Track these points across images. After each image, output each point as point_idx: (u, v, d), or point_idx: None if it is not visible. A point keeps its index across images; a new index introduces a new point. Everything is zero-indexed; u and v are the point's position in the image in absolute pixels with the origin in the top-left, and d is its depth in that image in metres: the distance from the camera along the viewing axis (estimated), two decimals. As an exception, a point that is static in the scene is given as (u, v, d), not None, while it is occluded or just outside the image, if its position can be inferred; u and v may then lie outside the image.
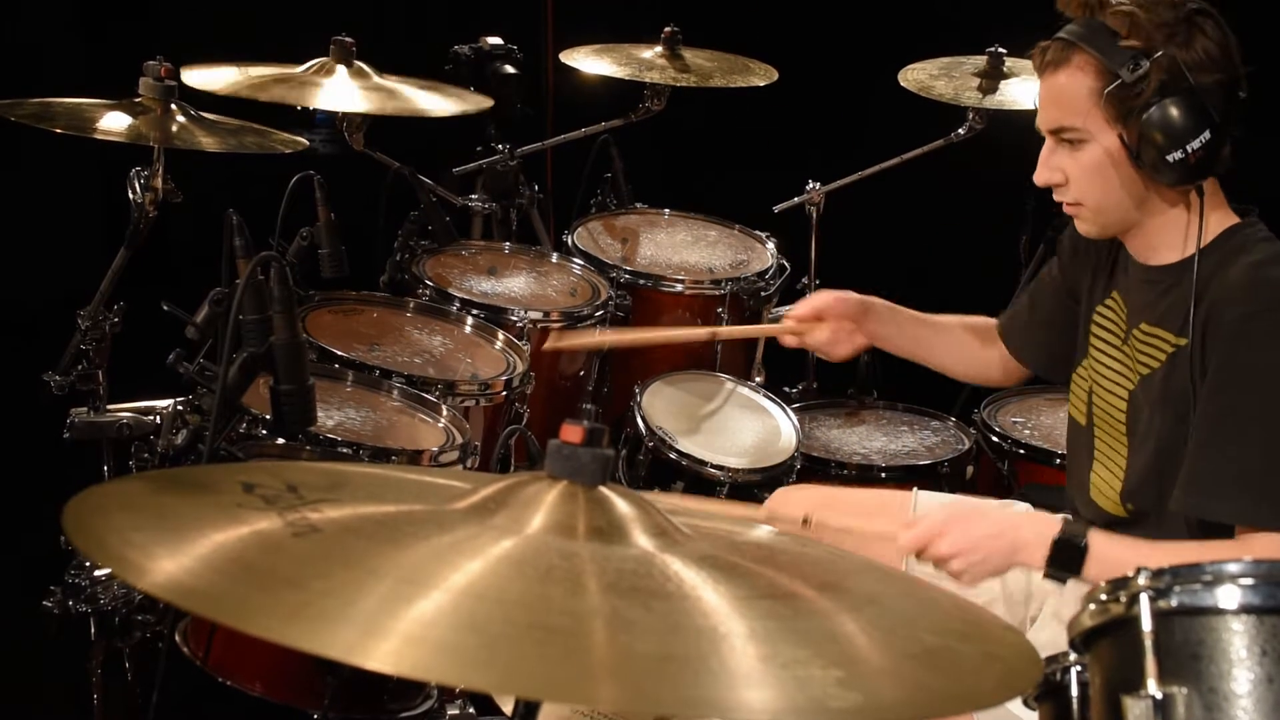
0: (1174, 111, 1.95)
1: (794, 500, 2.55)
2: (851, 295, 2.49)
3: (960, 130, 3.73)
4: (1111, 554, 1.93)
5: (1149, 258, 2.11)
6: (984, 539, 1.98)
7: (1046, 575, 1.98)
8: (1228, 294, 1.98)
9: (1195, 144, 1.96)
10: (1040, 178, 2.11)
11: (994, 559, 1.98)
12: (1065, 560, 1.95)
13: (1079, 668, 1.46)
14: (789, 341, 2.54)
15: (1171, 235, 2.07)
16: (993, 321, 2.53)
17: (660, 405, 3.17)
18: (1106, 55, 1.98)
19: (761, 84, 3.76)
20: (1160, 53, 1.96)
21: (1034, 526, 2.00)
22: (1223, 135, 1.98)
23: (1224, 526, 1.97)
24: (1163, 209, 2.06)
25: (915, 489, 2.47)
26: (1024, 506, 2.46)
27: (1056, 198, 2.12)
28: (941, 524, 2.00)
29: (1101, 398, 2.19)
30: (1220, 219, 2.06)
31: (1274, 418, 1.93)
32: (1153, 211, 2.07)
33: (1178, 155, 1.96)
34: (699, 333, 2.43)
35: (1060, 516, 2.03)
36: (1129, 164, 2.01)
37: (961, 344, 2.55)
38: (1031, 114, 2.06)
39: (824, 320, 2.48)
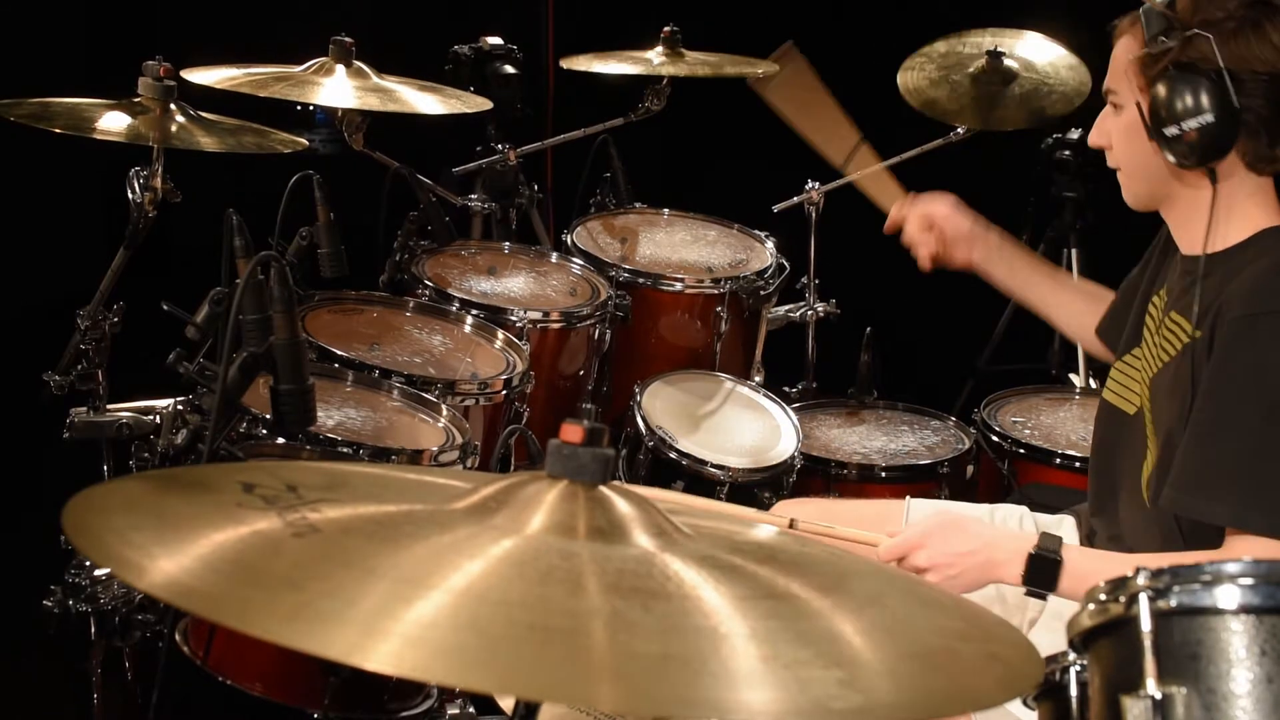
0: (1179, 88, 1.96)
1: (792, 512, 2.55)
2: (964, 223, 2.54)
3: (960, 129, 3.74)
4: (1086, 567, 1.94)
5: (1188, 247, 2.13)
6: (960, 555, 2.00)
7: (1027, 593, 1.99)
8: (1238, 292, 1.97)
9: (1191, 123, 1.95)
10: (1091, 139, 2.18)
11: (969, 575, 2.00)
12: (1040, 577, 1.96)
13: (1078, 667, 1.46)
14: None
15: (1199, 224, 2.07)
16: (1106, 291, 2.49)
17: (660, 405, 3.17)
18: (1148, 25, 2.00)
19: (762, 73, 3.75)
20: (1194, 31, 1.96)
21: (1011, 543, 2.00)
22: (1231, 124, 1.95)
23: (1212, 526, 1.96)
24: (1182, 191, 2.08)
25: (908, 497, 2.45)
26: (1019, 510, 2.45)
27: (1109, 163, 2.17)
28: (921, 536, 2.01)
29: (1147, 387, 2.18)
30: (1263, 218, 2.05)
31: (1267, 421, 1.92)
32: (1175, 191, 2.09)
33: (1173, 130, 1.97)
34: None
35: (1039, 534, 2.02)
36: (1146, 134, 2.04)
37: (1074, 303, 2.54)
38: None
39: (933, 228, 2.54)
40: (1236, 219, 2.05)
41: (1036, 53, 3.77)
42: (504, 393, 2.91)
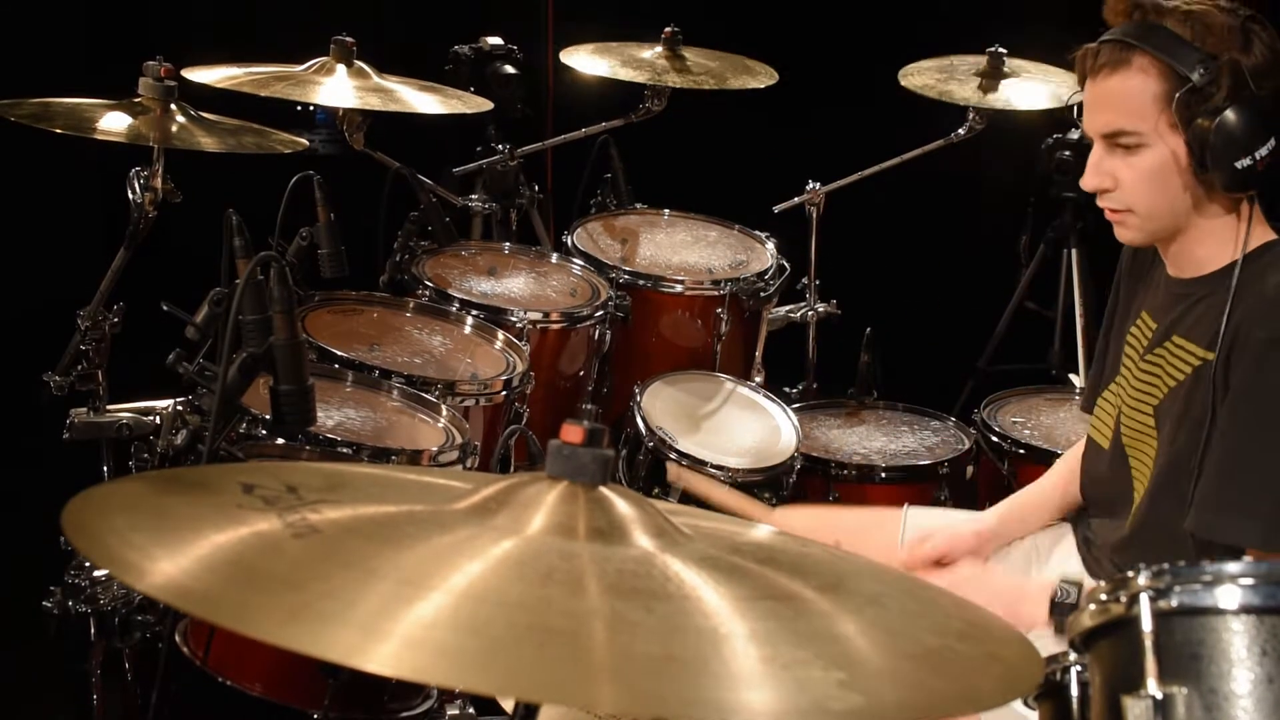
0: (1244, 117, 1.92)
1: (793, 520, 2.55)
2: (966, 535, 2.30)
3: (960, 130, 3.74)
4: None
5: (1184, 270, 2.09)
6: (988, 602, 1.98)
7: (1056, 631, 1.98)
8: (1259, 312, 1.96)
9: (1263, 151, 1.94)
10: (1090, 183, 2.06)
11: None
12: (1064, 620, 1.95)
13: (1079, 668, 1.46)
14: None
15: (1212, 245, 2.05)
16: (1078, 452, 2.37)
17: (660, 405, 3.16)
18: (1175, 58, 1.94)
19: (761, 86, 3.75)
20: (1227, 57, 1.94)
21: (1034, 594, 2.00)
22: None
23: (1234, 549, 1.95)
24: (1211, 216, 2.03)
25: (906, 506, 2.44)
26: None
27: (1102, 203, 2.08)
28: (949, 587, 2.00)
29: (1130, 418, 2.16)
30: (1260, 233, 2.04)
31: None
32: (1201, 219, 2.04)
33: (1246, 162, 1.94)
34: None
35: (1059, 580, 2.01)
36: (1189, 170, 1.98)
37: (1066, 493, 2.39)
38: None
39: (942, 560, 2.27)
40: (1236, 237, 2.04)
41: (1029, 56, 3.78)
42: (504, 393, 2.90)
